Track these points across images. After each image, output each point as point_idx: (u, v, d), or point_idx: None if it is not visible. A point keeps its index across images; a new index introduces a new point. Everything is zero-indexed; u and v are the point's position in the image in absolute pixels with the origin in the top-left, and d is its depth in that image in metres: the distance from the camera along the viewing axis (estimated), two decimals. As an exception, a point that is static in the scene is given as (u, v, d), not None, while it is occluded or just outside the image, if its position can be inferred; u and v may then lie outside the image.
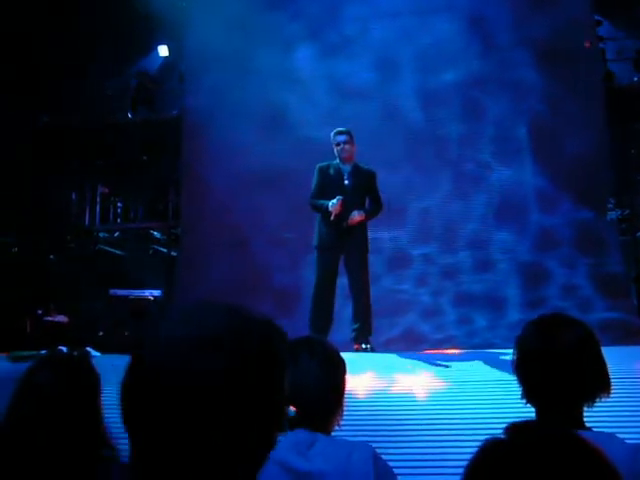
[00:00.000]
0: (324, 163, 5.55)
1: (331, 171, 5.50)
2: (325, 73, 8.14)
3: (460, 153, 7.73)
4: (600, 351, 1.83)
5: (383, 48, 8.09)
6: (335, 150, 5.49)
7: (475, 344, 6.24)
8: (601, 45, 7.95)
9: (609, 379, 1.82)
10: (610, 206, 7.39)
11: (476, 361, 4.49)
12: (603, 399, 1.81)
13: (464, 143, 7.75)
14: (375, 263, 7.19)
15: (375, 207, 5.59)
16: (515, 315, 6.63)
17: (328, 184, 5.48)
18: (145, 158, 9.06)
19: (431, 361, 4.56)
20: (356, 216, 5.36)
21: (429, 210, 7.61)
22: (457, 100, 7.84)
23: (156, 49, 8.96)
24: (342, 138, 5.46)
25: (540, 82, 7.66)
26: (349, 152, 5.46)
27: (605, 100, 7.65)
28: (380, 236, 7.33)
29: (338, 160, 5.51)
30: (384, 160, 6.87)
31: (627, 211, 7.77)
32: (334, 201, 5.26)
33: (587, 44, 7.55)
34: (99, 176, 9.25)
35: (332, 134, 5.54)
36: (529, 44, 7.72)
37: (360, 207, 5.46)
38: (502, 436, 0.95)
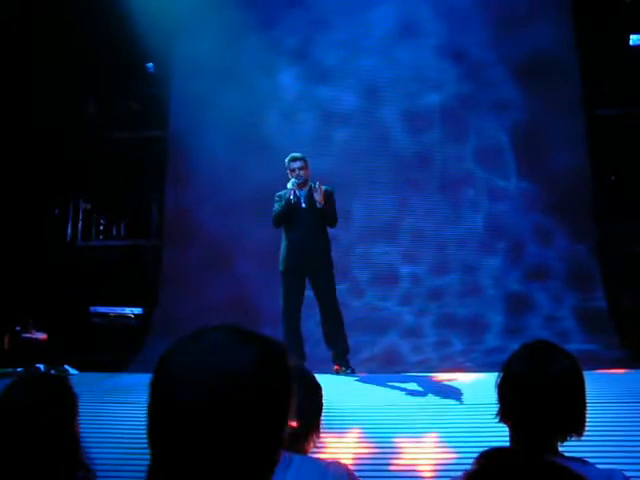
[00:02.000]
0: (283, 191, 5.58)
1: (289, 196, 5.51)
2: (309, 97, 8.22)
3: (456, 176, 7.83)
4: (584, 389, 1.85)
5: (366, 73, 8.19)
6: (289, 176, 5.53)
7: (447, 367, 6.28)
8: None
9: (585, 420, 1.84)
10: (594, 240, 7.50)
11: (452, 384, 4.52)
12: (574, 439, 1.82)
13: (459, 166, 7.86)
14: (362, 277, 7.26)
15: (332, 216, 5.59)
16: (493, 342, 6.68)
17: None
18: (129, 175, 9.04)
19: (409, 383, 4.59)
20: (319, 196, 5.35)
21: (423, 231, 7.69)
22: (445, 122, 7.95)
23: (143, 67, 8.98)
24: (297, 164, 5.51)
25: (521, 99, 7.80)
26: (304, 178, 5.51)
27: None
28: (370, 250, 7.41)
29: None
30: (378, 179, 7.02)
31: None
32: (289, 194, 5.38)
33: None
34: (82, 192, 9.20)
35: (287, 160, 5.57)
36: (508, 63, 7.86)
37: (320, 228, 5.51)
38: (476, 463, 0.97)
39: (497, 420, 1.87)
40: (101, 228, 9.22)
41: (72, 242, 9.11)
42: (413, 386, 4.58)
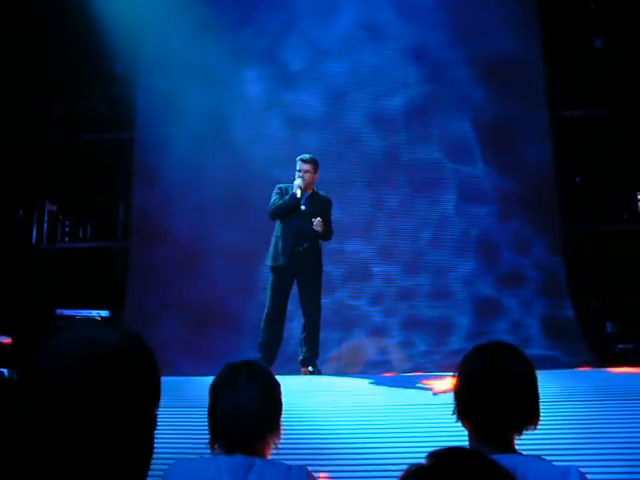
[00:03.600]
0: (284, 184, 5.62)
1: (295, 192, 5.55)
2: (276, 99, 8.21)
3: (431, 177, 7.87)
4: (537, 386, 1.89)
5: (332, 77, 8.21)
6: (296, 175, 5.56)
7: (407, 368, 6.34)
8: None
9: (539, 413, 1.88)
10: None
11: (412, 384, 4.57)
12: (530, 431, 1.86)
13: (432, 167, 7.91)
14: (334, 274, 7.29)
15: (327, 231, 5.65)
16: (457, 344, 6.74)
17: None
18: (96, 176, 8.94)
19: (373, 384, 4.61)
20: (318, 225, 5.44)
21: (399, 231, 7.71)
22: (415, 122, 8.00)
23: (109, 68, 8.89)
24: (306, 167, 5.55)
25: (486, 97, 7.88)
26: (309, 181, 5.55)
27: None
28: (344, 248, 7.44)
29: None
30: (352, 178, 7.07)
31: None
32: (295, 190, 5.43)
33: None
34: (47, 194, 9.09)
35: (298, 159, 5.60)
36: (473, 61, 7.93)
37: (314, 232, 5.53)
38: (424, 462, 0.99)
39: (455, 419, 1.89)
40: (67, 230, 9.11)
41: (37, 244, 9.00)
42: (378, 386, 4.61)
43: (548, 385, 3.96)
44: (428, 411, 3.66)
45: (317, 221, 5.44)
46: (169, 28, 8.12)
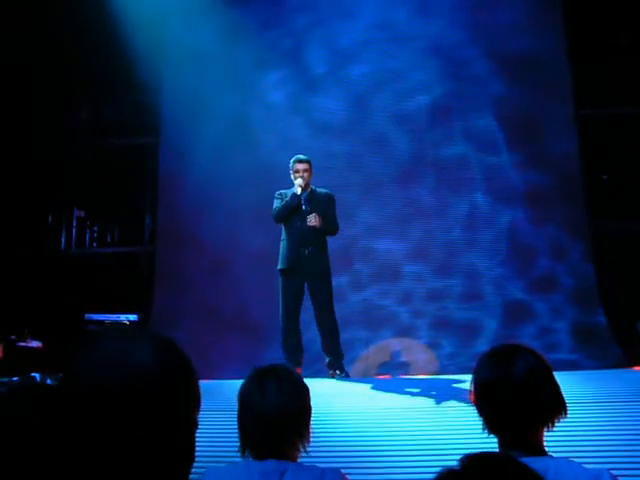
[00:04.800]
0: (284, 190, 5.67)
1: (294, 192, 5.59)
2: (300, 106, 8.23)
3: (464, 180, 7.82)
4: (552, 374, 1.88)
5: (355, 79, 8.19)
6: (292, 176, 5.62)
7: (432, 370, 6.30)
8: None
9: (564, 401, 1.87)
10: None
11: (442, 387, 4.54)
12: (561, 420, 1.86)
13: (465, 170, 7.85)
14: (363, 272, 7.27)
15: (330, 225, 5.65)
16: (481, 347, 6.65)
17: None
18: (122, 182, 9.05)
19: (402, 386, 4.60)
20: (312, 219, 5.45)
21: (433, 232, 7.66)
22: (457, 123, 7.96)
23: (135, 73, 8.97)
24: (302, 167, 5.60)
25: (510, 93, 7.80)
26: (306, 180, 5.58)
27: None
28: (375, 246, 7.42)
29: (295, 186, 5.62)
30: (380, 179, 7.06)
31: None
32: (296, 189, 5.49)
33: None
34: (75, 200, 9.22)
35: (292, 161, 5.66)
36: (496, 58, 7.87)
37: (319, 231, 5.55)
38: (456, 466, 0.99)
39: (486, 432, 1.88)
40: (95, 235, 9.23)
41: (66, 250, 9.13)
42: (410, 388, 4.59)
43: (578, 387, 3.94)
44: (459, 414, 3.64)
45: (312, 216, 5.45)
46: (194, 32, 8.19)
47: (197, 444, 1.07)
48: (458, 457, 1.01)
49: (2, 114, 8.14)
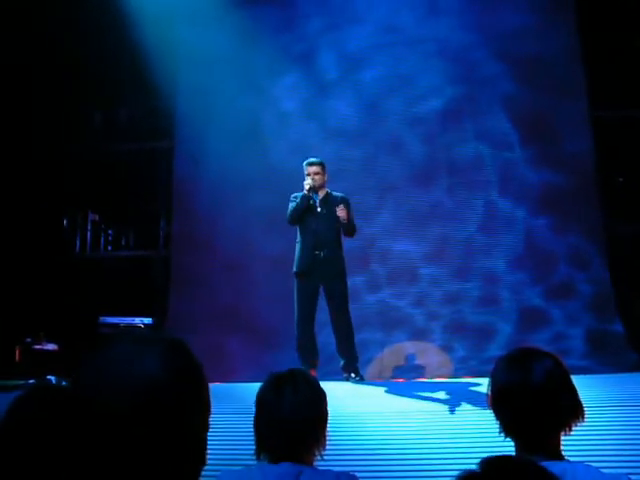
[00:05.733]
0: (299, 193, 5.66)
1: (305, 193, 5.59)
2: (313, 111, 8.23)
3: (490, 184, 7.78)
4: (569, 378, 1.87)
5: (367, 84, 8.19)
6: (306, 179, 5.60)
7: (444, 373, 6.28)
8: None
9: (581, 405, 1.86)
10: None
11: (457, 390, 4.52)
12: (579, 425, 1.84)
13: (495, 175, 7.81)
14: (379, 272, 7.25)
15: (349, 226, 5.64)
16: (494, 351, 6.61)
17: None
18: (136, 186, 9.11)
19: (416, 390, 4.59)
20: (339, 211, 5.44)
21: (449, 234, 7.62)
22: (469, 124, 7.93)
23: (149, 77, 9.03)
24: (313, 169, 5.60)
25: (523, 95, 7.76)
26: (319, 182, 5.59)
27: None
28: (392, 247, 7.41)
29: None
30: (395, 183, 7.06)
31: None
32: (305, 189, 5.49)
33: None
34: (90, 204, 9.28)
35: (304, 164, 5.66)
36: (508, 59, 7.83)
37: (334, 234, 5.56)
38: (476, 469, 0.99)
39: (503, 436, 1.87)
40: (109, 239, 9.29)
41: (81, 253, 9.19)
42: (425, 392, 4.58)
43: (595, 390, 3.90)
44: (475, 417, 3.62)
45: (340, 207, 5.44)
46: (208, 36, 8.21)
47: (211, 447, 1.06)
48: (474, 461, 1.01)
49: (16, 119, 8.22)
